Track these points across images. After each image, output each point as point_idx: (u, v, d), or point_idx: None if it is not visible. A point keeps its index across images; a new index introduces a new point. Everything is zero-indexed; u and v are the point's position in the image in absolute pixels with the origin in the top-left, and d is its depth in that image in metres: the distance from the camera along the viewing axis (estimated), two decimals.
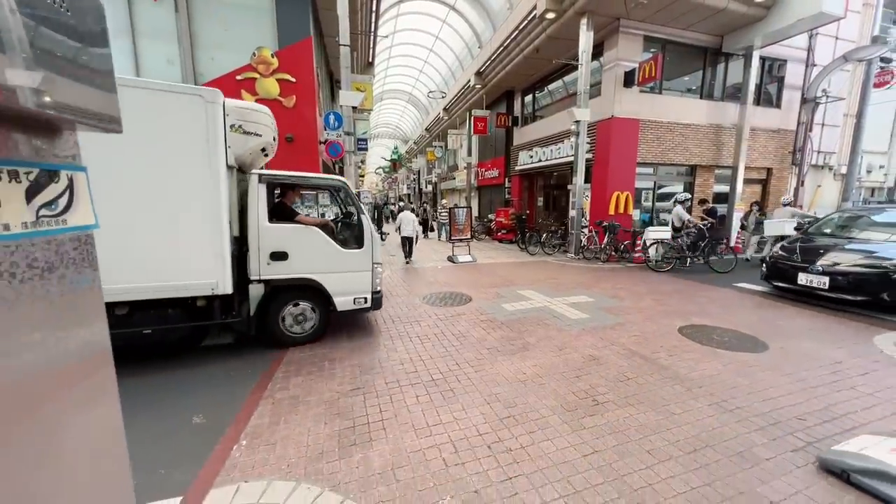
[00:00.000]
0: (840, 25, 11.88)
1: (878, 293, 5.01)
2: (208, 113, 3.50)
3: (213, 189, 3.52)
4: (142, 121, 3.26)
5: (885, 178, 16.72)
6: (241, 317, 3.98)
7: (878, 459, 2.10)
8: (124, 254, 3.31)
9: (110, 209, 3.11)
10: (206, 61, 8.41)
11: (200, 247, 3.54)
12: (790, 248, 6.26)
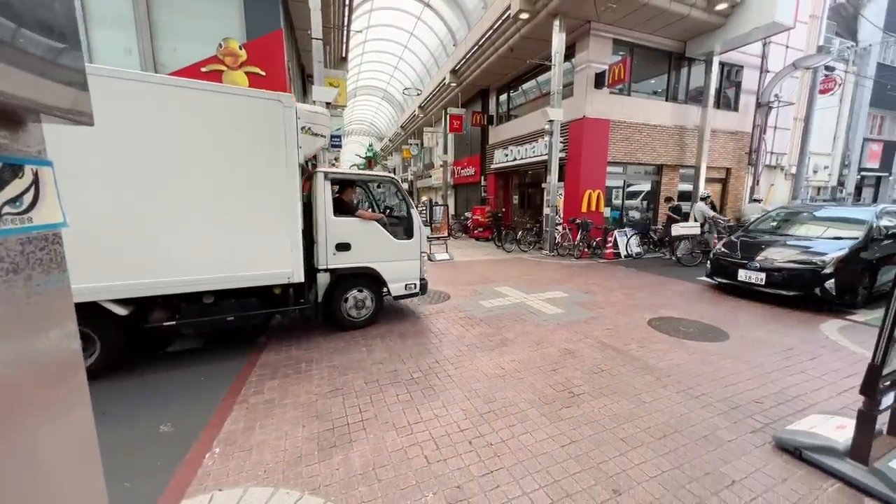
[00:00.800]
0: (790, 35, 12.74)
1: (810, 288, 5.16)
2: (286, 116, 3.76)
3: (291, 187, 3.84)
4: (226, 125, 3.52)
5: (829, 177, 18.11)
6: (310, 303, 4.32)
7: (825, 436, 2.29)
8: (213, 247, 3.58)
9: (202, 207, 3.52)
10: (169, 51, 7.97)
11: (278, 240, 3.84)
12: (732, 244, 6.39)
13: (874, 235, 5.53)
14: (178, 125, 3.39)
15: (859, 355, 3.81)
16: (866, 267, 5.35)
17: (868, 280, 5.42)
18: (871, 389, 2.02)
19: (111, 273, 3.22)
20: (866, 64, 17.70)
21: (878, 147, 19.64)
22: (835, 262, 5.09)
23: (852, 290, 5.19)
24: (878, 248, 5.50)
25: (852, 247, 5.26)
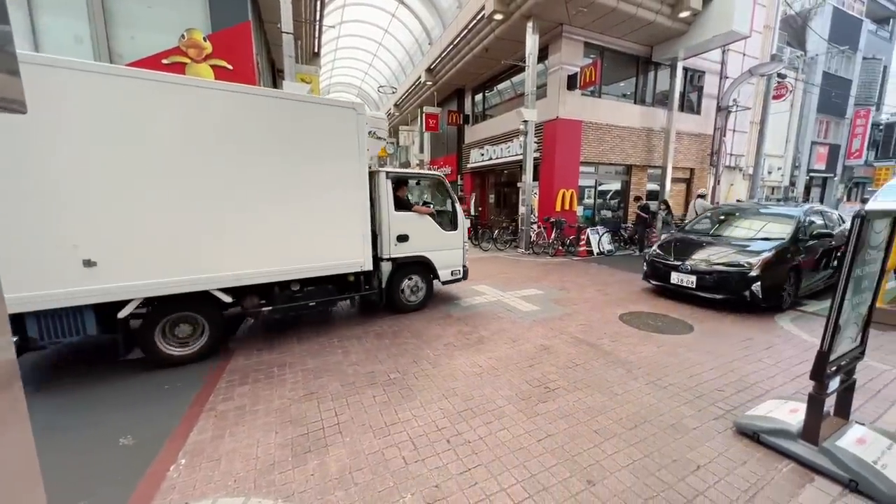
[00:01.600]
0: (747, 43, 13.50)
1: (738, 291, 4.98)
2: (359, 122, 4.23)
3: (362, 186, 4.35)
4: (312, 131, 3.97)
5: (782, 178, 19.36)
6: (375, 289, 4.84)
7: (780, 420, 2.44)
8: (301, 241, 4.02)
9: (292, 205, 3.92)
10: (126, 41, 7.50)
11: (353, 233, 4.35)
12: (666, 246, 6.13)
13: (800, 236, 5.42)
14: (275, 133, 3.80)
15: (809, 343, 4.09)
16: (792, 268, 5.19)
17: (793, 281, 5.29)
18: (819, 374, 2.16)
19: (221, 265, 3.63)
20: (814, 72, 19.05)
21: (824, 150, 21.19)
22: (761, 264, 4.93)
23: (778, 293, 5.08)
24: (804, 249, 5.38)
25: (778, 248, 5.13)
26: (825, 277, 5.97)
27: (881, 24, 23.39)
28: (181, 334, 3.69)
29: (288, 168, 3.89)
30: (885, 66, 22.95)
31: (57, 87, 2.89)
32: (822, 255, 5.76)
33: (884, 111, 24.47)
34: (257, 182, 3.72)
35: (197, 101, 3.43)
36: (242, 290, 3.86)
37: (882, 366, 3.52)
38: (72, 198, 2.99)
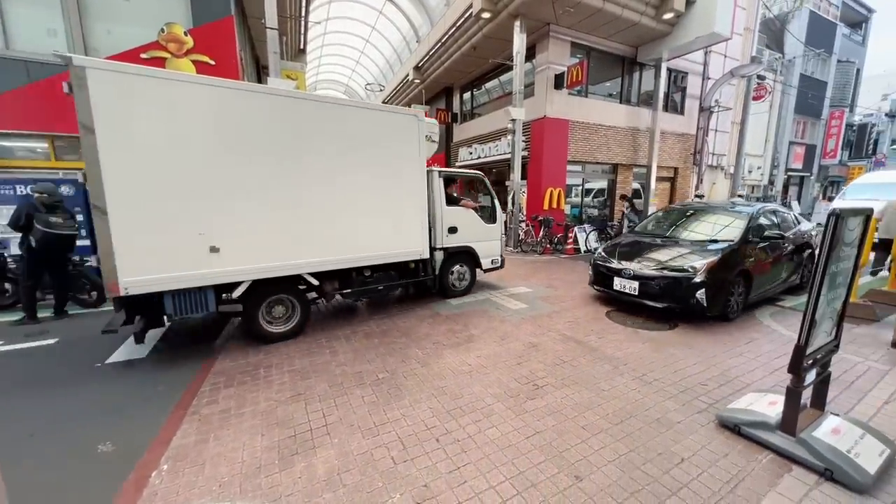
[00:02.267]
0: (728, 45, 13.82)
1: (682, 299, 4.50)
2: (419, 127, 4.90)
3: (421, 184, 5.03)
4: (382, 135, 4.58)
5: (761, 177, 19.91)
6: (429, 275, 5.44)
7: (760, 412, 2.51)
8: (374, 232, 4.64)
9: (367, 202, 4.52)
10: (102, 34, 7.26)
11: (414, 226, 5.00)
12: (611, 248, 5.62)
13: (750, 238, 4.96)
14: (355, 139, 4.38)
15: (787, 337, 4.22)
16: (741, 273, 4.73)
17: (743, 287, 4.82)
18: (797, 368, 2.23)
19: (310, 253, 4.18)
20: (791, 74, 19.62)
21: (801, 150, 21.86)
22: (706, 269, 4.45)
23: (725, 301, 4.59)
24: (754, 251, 4.93)
25: (725, 251, 4.67)
26: (780, 282, 5.52)
27: (854, 28, 24.23)
28: (277, 314, 4.24)
29: (364, 168, 4.47)
30: (857, 68, 23.79)
31: (189, 103, 3.44)
32: (776, 259, 5.27)
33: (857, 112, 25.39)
34: (338, 181, 4.30)
35: (298, 112, 4.01)
36: (325, 275, 4.42)
37: (855, 358, 3.65)
38: (200, 195, 3.53)
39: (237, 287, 3.86)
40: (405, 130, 4.79)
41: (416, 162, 4.92)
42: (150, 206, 3.32)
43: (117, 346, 4.07)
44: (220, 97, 3.59)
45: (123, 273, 3.27)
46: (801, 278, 6.01)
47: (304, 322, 4.41)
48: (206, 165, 3.53)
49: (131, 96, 3.20)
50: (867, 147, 25.18)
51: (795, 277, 5.85)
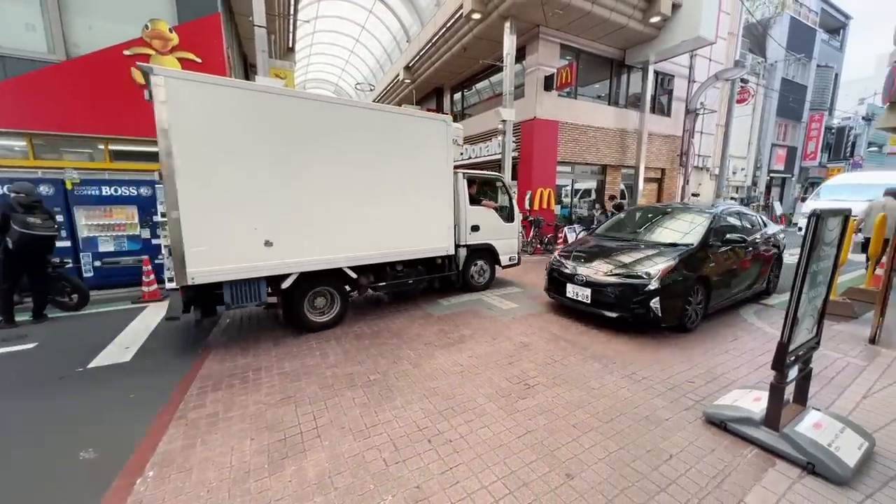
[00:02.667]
0: (713, 49, 14.12)
1: (637, 308, 4.10)
2: (447, 132, 5.28)
3: (449, 185, 5.43)
4: (414, 139, 4.94)
5: (745, 178, 20.38)
6: (454, 271, 5.79)
7: (745, 408, 2.57)
8: (405, 230, 4.97)
9: (399, 199, 4.84)
10: (83, 30, 7.08)
11: (442, 224, 5.38)
12: (567, 252, 5.23)
13: (711, 241, 4.63)
14: (390, 142, 4.72)
15: (771, 334, 4.33)
16: (699, 279, 4.35)
17: (702, 295, 4.45)
18: (780, 364, 2.29)
19: (348, 248, 4.52)
20: (773, 78, 20.14)
21: (783, 152, 22.45)
22: (661, 275, 4.08)
23: (681, 310, 4.20)
24: (714, 256, 4.57)
25: (682, 255, 4.32)
26: (744, 288, 5.17)
27: (833, 34, 24.99)
28: (318, 305, 4.56)
29: (398, 170, 4.82)
30: (836, 73, 24.55)
31: (249, 109, 3.75)
32: (740, 263, 4.94)
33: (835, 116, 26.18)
34: (375, 181, 4.63)
35: (343, 117, 4.33)
36: (362, 269, 4.76)
37: (835, 354, 3.76)
38: (257, 193, 3.85)
39: (286, 279, 4.18)
40: (435, 134, 5.18)
41: (444, 164, 5.31)
42: (215, 204, 3.63)
43: (99, 351, 3.96)
44: (276, 103, 3.91)
45: (191, 264, 3.57)
46: (768, 283, 5.74)
47: (343, 313, 4.73)
48: (262, 167, 3.87)
49: (201, 103, 3.51)
50: (845, 149, 25.97)
51: (761, 283, 5.55)
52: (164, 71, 3.36)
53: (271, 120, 3.88)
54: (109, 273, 6.50)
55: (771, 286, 5.85)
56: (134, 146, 7.51)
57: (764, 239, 5.50)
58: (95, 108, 6.91)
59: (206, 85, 3.55)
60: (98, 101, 6.90)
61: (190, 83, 3.46)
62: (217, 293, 3.90)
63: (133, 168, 7.56)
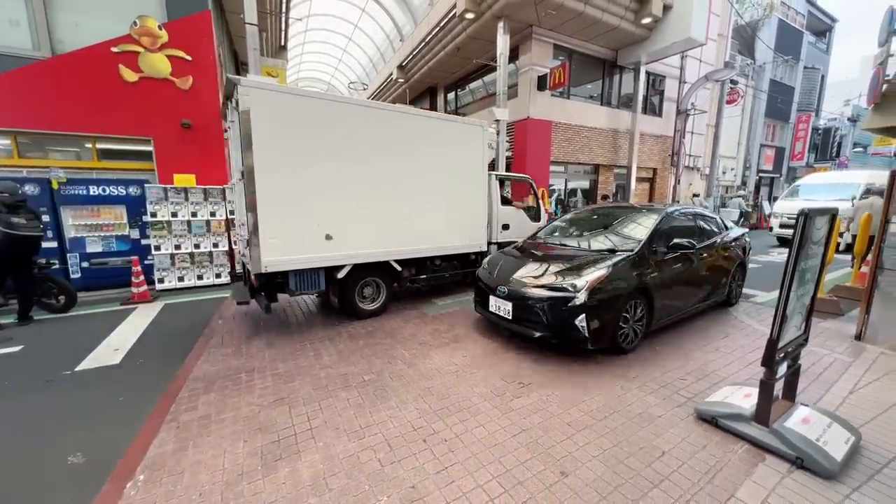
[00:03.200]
0: (703, 50, 14.30)
1: (561, 325, 3.43)
2: (484, 136, 5.72)
3: (484, 186, 5.88)
4: (454, 143, 5.37)
5: (735, 178, 20.68)
6: None
7: (735, 405, 2.60)
8: (445, 227, 5.39)
9: (440, 199, 5.26)
10: (69, 26, 6.94)
11: (477, 222, 5.77)
12: (495, 260, 4.63)
13: (655, 247, 3.95)
14: (434, 146, 5.15)
15: (760, 332, 4.39)
16: (638, 292, 3.67)
17: (643, 311, 3.74)
18: (770, 361, 2.32)
19: (395, 243, 4.93)
20: (762, 79, 20.46)
21: (771, 152, 22.83)
22: (589, 287, 3.39)
23: (613, 329, 3.49)
24: (658, 264, 3.89)
25: (618, 263, 3.64)
26: (698, 300, 4.52)
27: (819, 36, 25.44)
28: (367, 295, 4.99)
29: (441, 171, 5.25)
30: (822, 75, 25.01)
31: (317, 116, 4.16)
32: (692, 272, 4.29)
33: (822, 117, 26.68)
34: (421, 182, 5.06)
35: (395, 123, 4.76)
36: (406, 262, 5.16)
37: (822, 351, 3.83)
38: (320, 192, 4.26)
39: (341, 269, 4.57)
40: (473, 139, 5.60)
41: (480, 166, 5.77)
42: (286, 201, 4.03)
43: (87, 354, 3.89)
44: (342, 110, 4.35)
45: (265, 255, 3.95)
46: (730, 294, 5.15)
47: (387, 303, 5.15)
48: (327, 169, 4.29)
49: (279, 111, 3.90)
50: (832, 150, 26.50)
51: (720, 293, 4.93)
52: (249, 82, 3.77)
53: (337, 126, 4.30)
54: (97, 274, 6.39)
55: (733, 296, 5.25)
56: (122, 145, 7.38)
57: (724, 243, 4.90)
58: (82, 106, 6.78)
59: (284, 94, 3.98)
60: (85, 98, 6.77)
61: (271, 93, 3.89)
62: (279, 282, 4.30)
63: (121, 167, 7.44)
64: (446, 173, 5.32)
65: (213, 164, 7.79)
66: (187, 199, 6.70)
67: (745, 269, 5.44)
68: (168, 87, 7.22)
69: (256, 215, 3.85)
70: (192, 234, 6.72)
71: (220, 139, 7.90)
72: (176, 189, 6.62)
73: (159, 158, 7.39)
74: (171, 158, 7.39)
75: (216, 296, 6.25)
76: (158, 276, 6.48)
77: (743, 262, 5.32)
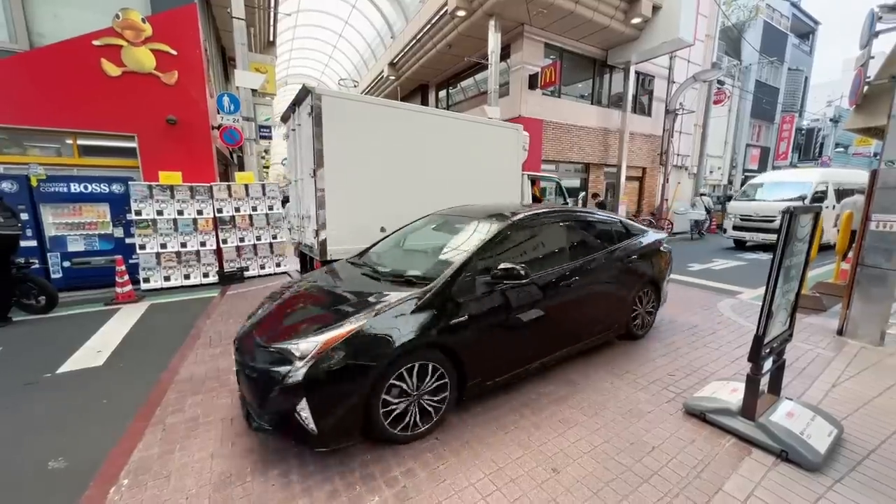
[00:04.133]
0: (691, 51, 14.49)
1: (276, 412, 2.12)
2: (518, 139, 6.25)
3: (518, 183, 6.36)
4: (496, 145, 5.91)
5: (721, 176, 21.04)
6: None
7: (723, 400, 2.65)
8: None
9: (482, 196, 5.50)
10: (47, 18, 6.73)
11: None
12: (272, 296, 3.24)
13: (472, 276, 2.61)
14: (479, 147, 5.71)
15: (746, 328, 4.48)
16: (426, 349, 2.36)
17: (444, 377, 2.43)
18: (756, 356, 2.36)
19: None
20: (748, 80, 20.83)
21: (757, 152, 23.28)
22: (316, 353, 2.10)
23: (358, 418, 2.17)
24: (470, 302, 2.53)
25: (379, 313, 2.30)
26: (564, 345, 3.23)
27: (803, 38, 26.00)
28: None
29: (483, 171, 5.75)
30: (806, 76, 25.58)
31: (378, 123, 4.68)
32: (551, 304, 2.99)
33: (805, 117, 27.30)
34: (464, 179, 5.51)
35: (445, 128, 5.31)
36: None
37: (805, 346, 3.92)
38: (377, 189, 4.77)
39: None
40: (509, 140, 6.11)
41: (515, 165, 6.30)
42: (350, 196, 4.55)
43: (69, 356, 3.79)
44: (394, 115, 4.83)
45: (331, 243, 4.46)
46: (633, 324, 3.87)
47: None
48: (384, 168, 4.78)
49: (347, 117, 4.42)
50: (814, 150, 27.14)
51: (614, 325, 3.68)
52: (324, 90, 4.30)
53: (392, 128, 4.80)
54: (80, 274, 6.22)
55: (639, 326, 3.95)
56: (105, 141, 7.19)
57: (621, 256, 3.65)
58: (62, 101, 6.58)
59: (352, 101, 4.60)
60: (65, 93, 6.58)
61: (342, 100, 4.46)
62: None
63: (104, 164, 7.25)
64: (486, 171, 5.80)
65: (200, 161, 7.64)
66: (173, 197, 6.57)
67: (658, 287, 4.07)
68: (152, 82, 7.05)
69: (325, 208, 4.39)
70: (179, 232, 6.59)
71: (207, 135, 7.75)
72: (161, 187, 6.48)
73: (144, 155, 7.22)
74: (156, 155, 7.23)
75: (204, 295, 6.14)
76: (144, 275, 6.34)
77: (655, 280, 3.98)
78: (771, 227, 9.94)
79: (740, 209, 11.05)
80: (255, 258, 7.34)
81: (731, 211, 11.37)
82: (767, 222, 10.16)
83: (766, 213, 10.25)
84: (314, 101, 4.17)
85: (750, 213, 10.73)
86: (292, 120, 5.25)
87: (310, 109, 4.28)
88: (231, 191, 7.10)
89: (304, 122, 4.67)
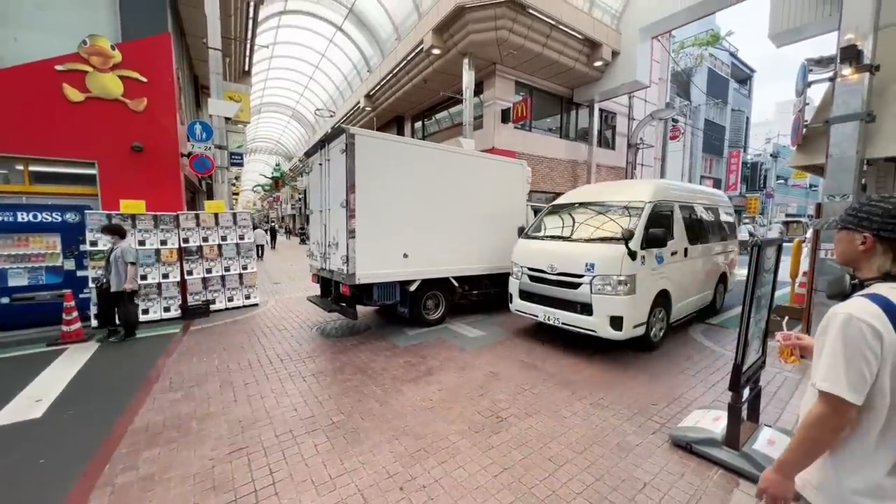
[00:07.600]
0: (647, 92, 15.78)
1: None
2: (523, 173, 7.04)
3: (523, 214, 6.93)
4: (503, 179, 6.63)
5: None
6: None
7: (707, 429, 2.67)
8: (492, 251, 6.32)
9: (492, 226, 6.32)
10: (6, 41, 6.43)
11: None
12: None
13: None
14: (485, 182, 6.32)
15: (718, 353, 4.62)
16: None
17: None
18: (736, 385, 2.42)
19: (454, 262, 5.92)
20: (698, 119, 22.82)
21: (710, 183, 25.15)
22: None
23: None
24: None
25: None
26: None
27: (742, 83, 29.03)
28: (429, 307, 5.81)
29: (491, 203, 6.36)
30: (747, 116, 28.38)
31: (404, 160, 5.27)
32: None
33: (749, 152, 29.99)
34: (476, 212, 6.13)
35: (460, 164, 5.98)
36: (461, 280, 6.05)
37: (773, 369, 4.07)
38: (400, 219, 5.23)
39: (413, 283, 5.43)
40: (516, 175, 6.83)
41: (521, 198, 6.95)
42: (376, 226, 4.95)
43: (0, 407, 3.34)
44: (418, 153, 5.49)
45: (360, 269, 4.82)
46: None
47: (445, 315, 5.97)
48: (408, 201, 5.28)
49: (377, 155, 4.91)
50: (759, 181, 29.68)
51: None
52: (358, 130, 4.78)
53: (415, 165, 5.34)
54: (21, 311, 5.63)
55: None
56: (61, 167, 6.77)
57: None
58: (14, 125, 6.19)
59: (381, 140, 5.07)
60: (18, 117, 6.20)
61: (373, 139, 4.94)
62: (356, 294, 5.02)
63: (58, 192, 6.79)
64: (496, 203, 6.40)
65: (167, 189, 7.32)
66: (134, 227, 6.19)
67: None
68: (118, 109, 6.80)
69: (355, 237, 4.75)
70: (139, 263, 6.16)
71: (176, 163, 7.47)
72: (122, 216, 6.10)
73: (104, 183, 6.83)
74: (117, 183, 6.85)
75: (165, 331, 5.69)
76: (95, 311, 5.82)
77: None
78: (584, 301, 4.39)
79: (529, 255, 5.14)
80: (222, 290, 6.96)
81: (515, 260, 5.33)
82: (573, 287, 4.47)
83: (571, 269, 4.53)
84: (348, 140, 4.65)
85: (542, 265, 4.82)
86: (320, 155, 5.56)
87: (343, 146, 4.70)
88: (199, 220, 6.79)
89: (334, 157, 5.08)
